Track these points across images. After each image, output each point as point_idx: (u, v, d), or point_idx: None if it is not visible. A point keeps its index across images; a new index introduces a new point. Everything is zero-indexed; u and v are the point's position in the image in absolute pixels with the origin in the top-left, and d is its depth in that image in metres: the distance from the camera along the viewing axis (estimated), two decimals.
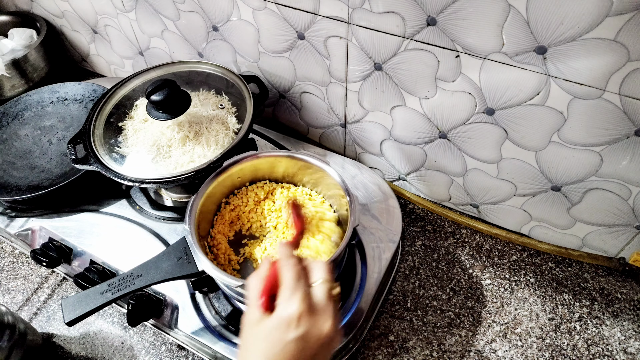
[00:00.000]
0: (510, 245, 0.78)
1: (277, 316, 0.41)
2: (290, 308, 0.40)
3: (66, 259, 0.73)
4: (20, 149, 0.85)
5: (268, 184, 0.69)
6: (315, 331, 0.40)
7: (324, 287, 0.43)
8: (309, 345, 0.40)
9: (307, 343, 0.40)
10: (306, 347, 0.40)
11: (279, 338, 0.40)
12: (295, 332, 0.39)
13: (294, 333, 0.39)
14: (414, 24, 0.59)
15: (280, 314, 0.41)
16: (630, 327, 0.68)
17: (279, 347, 0.39)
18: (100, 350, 0.69)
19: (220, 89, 0.76)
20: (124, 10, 0.90)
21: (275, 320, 0.41)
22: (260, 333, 0.41)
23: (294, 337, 0.39)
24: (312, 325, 0.40)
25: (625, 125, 0.55)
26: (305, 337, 0.40)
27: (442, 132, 0.70)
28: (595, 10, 0.48)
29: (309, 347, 0.40)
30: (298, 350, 0.39)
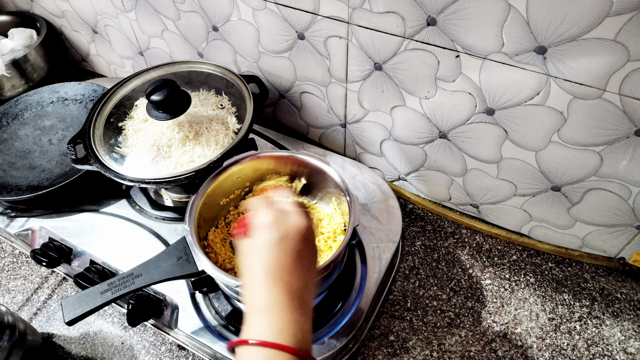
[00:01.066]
0: (510, 245, 0.78)
1: (256, 228, 0.45)
2: (263, 217, 0.45)
3: (66, 259, 0.73)
4: (20, 149, 0.85)
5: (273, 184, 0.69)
6: (293, 227, 0.45)
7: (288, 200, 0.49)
8: (292, 242, 0.44)
9: (290, 240, 0.44)
10: (289, 243, 0.44)
11: (262, 243, 0.44)
12: (277, 233, 0.44)
13: (276, 233, 0.44)
14: (414, 24, 0.59)
15: (257, 224, 0.45)
16: (630, 327, 0.68)
17: (268, 249, 0.43)
18: (100, 350, 0.69)
19: (220, 89, 0.76)
20: (124, 10, 0.90)
21: (256, 232, 0.45)
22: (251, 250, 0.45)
23: (277, 237, 0.44)
24: (288, 224, 0.45)
25: (625, 125, 0.55)
26: (285, 236, 0.44)
27: (442, 132, 0.70)
28: (595, 10, 0.48)
29: (292, 243, 0.44)
30: (284, 247, 0.44)
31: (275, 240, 0.44)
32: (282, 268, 0.43)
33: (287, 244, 0.44)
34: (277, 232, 0.44)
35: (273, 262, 0.43)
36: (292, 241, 0.44)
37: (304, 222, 0.46)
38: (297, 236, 0.44)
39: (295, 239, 0.44)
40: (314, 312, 0.64)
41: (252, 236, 0.45)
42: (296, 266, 0.44)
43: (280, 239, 0.44)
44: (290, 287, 0.42)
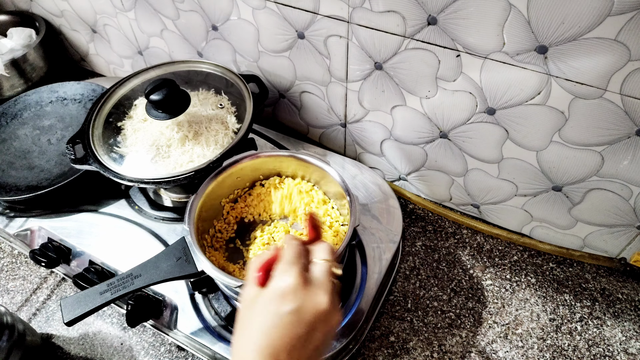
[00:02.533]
0: (511, 246, 0.78)
1: (272, 288, 0.40)
2: (285, 280, 0.40)
3: (65, 259, 0.72)
4: (19, 148, 0.85)
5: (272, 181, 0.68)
6: (310, 305, 0.39)
7: (323, 265, 0.42)
8: (304, 319, 0.39)
9: (303, 316, 0.39)
10: (301, 321, 0.39)
11: (273, 310, 0.39)
12: (289, 305, 0.39)
13: (289, 306, 0.39)
14: (414, 23, 0.59)
15: (275, 285, 0.40)
16: (631, 327, 0.67)
17: (273, 320, 0.38)
18: (100, 351, 0.69)
19: (219, 88, 0.76)
20: (123, 10, 0.89)
21: (270, 292, 0.40)
22: (255, 308, 0.40)
23: (288, 310, 0.38)
24: (307, 299, 0.39)
25: (626, 125, 0.55)
26: (301, 310, 0.39)
27: (442, 132, 0.70)
28: (596, 10, 0.47)
29: (304, 321, 0.39)
30: (292, 324, 0.38)
31: (285, 313, 0.38)
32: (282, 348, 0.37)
33: (297, 321, 0.38)
34: (292, 304, 0.39)
35: (274, 338, 0.38)
36: (305, 320, 0.39)
37: (327, 305, 0.39)
38: (312, 317, 0.39)
39: (309, 319, 0.39)
40: None
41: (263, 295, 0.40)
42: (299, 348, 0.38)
43: (292, 312, 0.38)
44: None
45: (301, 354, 0.38)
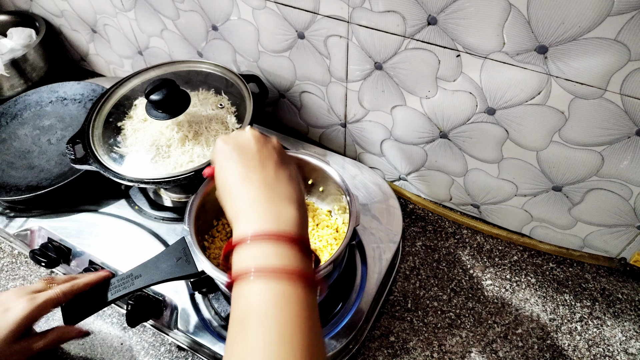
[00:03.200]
0: (511, 246, 0.78)
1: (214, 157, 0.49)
2: (215, 147, 0.49)
3: (65, 259, 0.72)
4: (19, 148, 0.85)
5: None
6: (241, 137, 0.48)
7: None
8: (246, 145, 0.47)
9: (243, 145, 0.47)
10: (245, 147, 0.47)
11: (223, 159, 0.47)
12: (227, 147, 0.47)
13: (227, 148, 0.47)
14: (414, 23, 0.59)
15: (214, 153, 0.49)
16: (631, 327, 0.67)
17: (228, 163, 0.46)
18: (100, 351, 0.69)
19: (219, 88, 0.76)
20: (123, 10, 0.89)
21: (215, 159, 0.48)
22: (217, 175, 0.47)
23: (229, 149, 0.47)
24: (235, 137, 0.48)
25: (626, 125, 0.55)
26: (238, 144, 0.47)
27: (442, 132, 0.70)
28: (596, 10, 0.47)
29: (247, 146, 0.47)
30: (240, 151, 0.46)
31: (230, 151, 0.46)
32: (249, 169, 0.44)
33: (244, 149, 0.46)
34: (228, 145, 0.47)
35: (237, 168, 0.45)
36: (247, 145, 0.46)
37: (251, 130, 0.49)
38: (249, 140, 0.47)
39: (249, 143, 0.47)
40: None
41: (214, 165, 0.48)
42: (264, 163, 0.45)
43: (234, 148, 0.46)
44: (264, 182, 0.44)
45: (266, 167, 0.45)
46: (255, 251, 0.39)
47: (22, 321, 0.51)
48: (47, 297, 0.54)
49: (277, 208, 0.42)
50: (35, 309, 0.52)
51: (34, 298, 0.53)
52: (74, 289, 0.56)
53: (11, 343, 0.51)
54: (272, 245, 0.39)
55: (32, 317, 0.52)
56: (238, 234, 0.41)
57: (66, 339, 0.56)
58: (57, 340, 0.55)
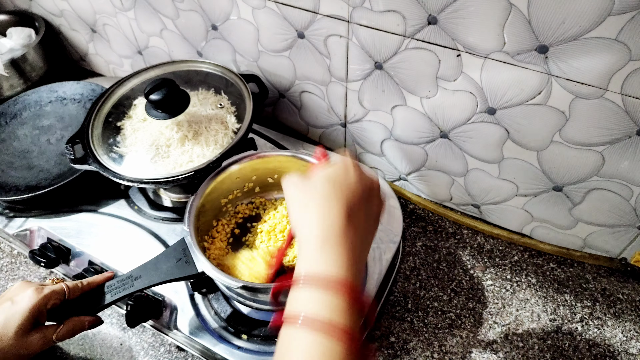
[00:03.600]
0: (512, 246, 0.77)
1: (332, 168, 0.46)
2: (342, 160, 0.46)
3: (64, 259, 0.72)
4: (19, 148, 0.84)
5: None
6: (366, 176, 0.46)
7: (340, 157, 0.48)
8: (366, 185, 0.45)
9: (364, 183, 0.45)
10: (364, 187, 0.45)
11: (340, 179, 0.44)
12: (353, 175, 0.45)
13: (353, 175, 0.45)
14: (414, 23, 0.59)
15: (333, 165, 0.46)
16: (632, 327, 0.67)
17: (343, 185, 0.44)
18: (99, 351, 0.69)
19: (219, 88, 0.76)
20: (123, 9, 0.89)
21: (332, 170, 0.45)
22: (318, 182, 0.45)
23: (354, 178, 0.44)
24: (361, 172, 0.46)
25: (627, 125, 0.55)
26: (361, 179, 0.45)
27: (443, 132, 0.70)
28: (597, 10, 0.47)
29: (366, 186, 0.45)
30: (358, 188, 0.44)
31: (353, 178, 0.44)
32: (354, 205, 0.43)
33: (360, 187, 0.44)
34: (355, 174, 0.44)
35: (347, 198, 0.43)
36: (366, 185, 0.44)
37: (377, 179, 0.46)
38: (370, 184, 0.45)
39: (368, 185, 0.45)
40: None
41: (324, 173, 0.45)
42: (365, 210, 0.43)
43: (358, 180, 0.44)
44: (357, 224, 0.42)
45: (366, 216, 0.44)
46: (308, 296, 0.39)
47: (31, 310, 0.52)
48: (54, 289, 0.55)
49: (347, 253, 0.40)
50: (42, 299, 0.53)
51: (39, 289, 0.54)
52: (79, 286, 0.57)
53: (27, 332, 0.52)
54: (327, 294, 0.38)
55: (39, 307, 0.53)
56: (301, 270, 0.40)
57: (81, 329, 0.56)
58: (72, 330, 0.55)
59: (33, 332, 0.53)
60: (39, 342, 0.53)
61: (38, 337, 0.53)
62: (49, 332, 0.54)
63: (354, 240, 0.42)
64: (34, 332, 0.53)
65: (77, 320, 0.56)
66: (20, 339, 0.52)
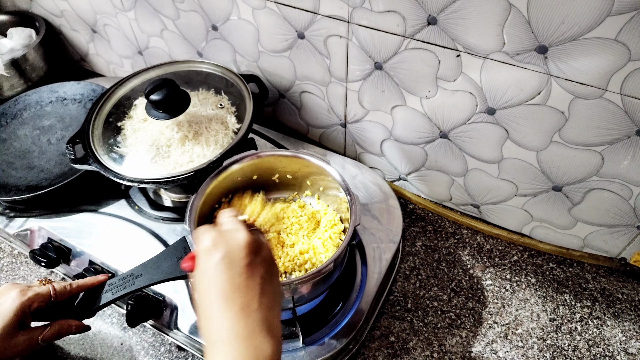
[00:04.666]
0: (511, 246, 0.78)
1: (199, 255, 0.44)
2: (204, 241, 0.44)
3: (65, 259, 0.72)
4: (19, 148, 0.85)
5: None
6: (234, 244, 0.43)
7: (229, 218, 0.47)
8: (236, 258, 0.42)
9: (232, 257, 0.42)
10: (234, 261, 0.42)
11: (208, 267, 0.42)
12: (217, 253, 0.42)
13: (217, 254, 0.42)
14: (414, 23, 0.59)
15: (200, 250, 0.44)
16: (631, 327, 0.67)
17: (212, 273, 0.42)
18: (100, 351, 0.69)
19: (219, 88, 0.76)
20: (123, 10, 0.89)
21: (199, 259, 0.44)
22: (198, 279, 0.43)
23: (219, 257, 0.42)
24: (228, 241, 0.43)
25: (627, 125, 0.55)
26: (229, 254, 0.42)
27: (442, 132, 0.70)
28: (596, 10, 0.47)
29: (237, 260, 0.42)
30: (228, 266, 0.42)
31: (218, 260, 0.42)
32: (233, 288, 0.41)
33: (232, 262, 0.42)
34: (218, 252, 0.42)
35: (222, 284, 0.41)
36: (238, 257, 0.42)
37: (246, 236, 0.43)
38: (241, 251, 0.42)
39: (240, 255, 0.42)
40: (318, 310, 0.64)
41: (197, 265, 0.44)
42: (249, 284, 0.41)
43: (223, 257, 0.42)
44: (246, 308, 0.40)
45: (251, 289, 0.41)
46: None
47: (15, 312, 0.52)
48: (38, 291, 0.55)
49: (255, 342, 0.39)
50: (25, 301, 0.53)
51: (24, 291, 0.54)
52: (67, 289, 0.57)
53: (12, 334, 0.52)
54: None
55: (23, 309, 0.53)
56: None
57: (67, 332, 0.56)
58: (58, 333, 0.55)
59: (18, 334, 0.53)
60: (24, 343, 0.53)
61: (23, 339, 0.53)
62: (35, 333, 0.54)
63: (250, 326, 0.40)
64: (19, 333, 0.53)
65: (64, 324, 0.56)
66: (5, 341, 0.51)
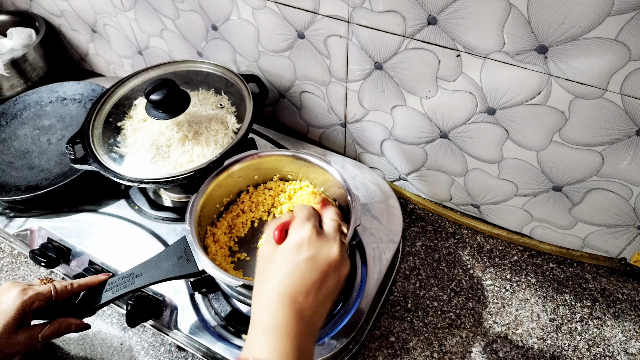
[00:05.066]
0: (512, 246, 0.78)
1: (288, 241, 0.45)
2: (300, 233, 0.45)
3: (65, 259, 0.72)
4: (19, 148, 0.85)
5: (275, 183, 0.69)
6: (324, 254, 0.44)
7: (333, 222, 0.48)
8: (318, 266, 0.43)
9: (316, 264, 0.43)
10: (316, 268, 0.43)
11: (290, 259, 0.43)
12: (305, 254, 0.43)
13: (304, 254, 0.43)
14: (414, 23, 0.59)
15: (291, 238, 0.45)
16: (631, 327, 0.67)
17: (290, 267, 0.43)
18: (100, 351, 0.69)
19: (219, 88, 0.76)
20: (123, 10, 0.89)
21: (287, 245, 0.45)
22: (274, 260, 0.44)
23: (304, 257, 0.43)
24: (320, 248, 0.44)
25: (627, 125, 0.55)
26: (314, 258, 0.43)
27: (442, 132, 0.70)
28: (597, 10, 0.47)
29: (318, 269, 0.43)
30: (308, 270, 0.43)
31: (302, 260, 0.43)
32: (299, 291, 0.42)
33: (312, 268, 0.43)
34: (307, 252, 0.43)
35: (292, 282, 0.42)
36: (320, 267, 0.43)
37: (337, 254, 0.44)
38: (325, 264, 0.43)
39: (322, 266, 0.43)
40: None
41: (281, 247, 0.45)
42: (314, 292, 0.42)
43: (308, 260, 0.43)
44: (301, 312, 0.41)
45: (316, 298, 0.42)
46: None
47: (16, 311, 0.52)
48: (39, 290, 0.55)
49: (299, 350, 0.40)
50: (26, 300, 0.53)
51: (25, 290, 0.54)
52: (67, 288, 0.57)
53: (12, 332, 0.52)
54: None
55: (24, 308, 0.53)
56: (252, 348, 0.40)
57: (67, 330, 0.56)
58: (58, 331, 0.56)
59: (19, 332, 0.53)
60: (25, 341, 0.53)
61: (24, 337, 0.53)
62: (35, 331, 0.54)
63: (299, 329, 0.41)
64: (20, 331, 0.53)
65: (64, 322, 0.56)
66: (5, 339, 0.52)
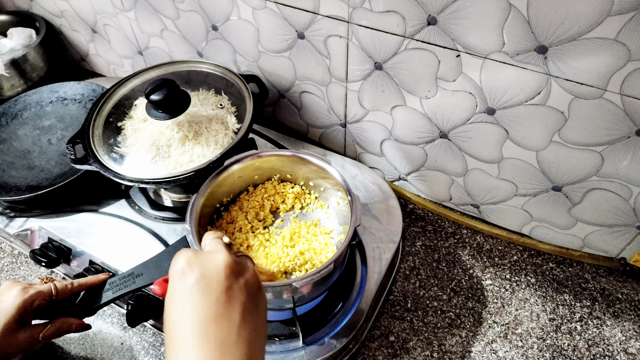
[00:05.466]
0: (511, 246, 0.78)
1: (171, 276, 0.40)
2: (177, 263, 0.40)
3: (65, 259, 0.72)
4: (20, 148, 0.85)
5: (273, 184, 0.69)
6: (211, 265, 0.39)
7: (210, 238, 0.45)
8: (212, 281, 0.38)
9: (209, 280, 0.38)
10: (210, 284, 0.38)
11: (179, 290, 0.38)
12: (191, 275, 0.38)
13: (191, 276, 0.38)
14: (414, 23, 0.59)
15: (172, 273, 0.40)
16: (631, 327, 0.67)
17: (183, 297, 0.38)
18: (100, 351, 0.69)
19: (219, 88, 0.76)
20: (123, 10, 0.89)
21: (171, 282, 0.40)
22: (167, 304, 0.40)
23: (193, 280, 0.38)
24: (205, 262, 0.39)
25: (626, 125, 0.55)
26: (204, 275, 0.38)
27: (442, 132, 0.70)
28: (596, 10, 0.47)
29: (214, 283, 0.38)
30: (203, 290, 0.38)
31: (192, 284, 0.38)
32: (209, 318, 0.36)
33: (208, 286, 0.38)
34: (192, 274, 0.38)
35: (195, 313, 0.36)
36: (215, 281, 0.38)
37: (226, 256, 0.39)
38: (219, 274, 0.38)
39: (218, 278, 0.38)
40: (318, 310, 0.64)
41: (168, 289, 0.40)
42: (227, 313, 0.37)
43: (198, 280, 0.38)
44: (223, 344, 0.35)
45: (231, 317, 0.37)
46: None
47: (17, 310, 0.52)
48: (40, 289, 0.55)
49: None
50: (27, 299, 0.53)
51: (26, 289, 0.54)
52: (68, 287, 0.57)
53: (13, 331, 0.52)
54: None
55: (25, 307, 0.53)
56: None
57: (67, 330, 0.56)
58: (59, 330, 0.55)
59: (20, 331, 0.53)
60: (25, 340, 0.53)
61: (24, 336, 0.53)
62: (36, 331, 0.54)
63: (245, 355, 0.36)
64: (20, 331, 0.53)
65: (65, 322, 0.56)
66: (6, 338, 0.52)
